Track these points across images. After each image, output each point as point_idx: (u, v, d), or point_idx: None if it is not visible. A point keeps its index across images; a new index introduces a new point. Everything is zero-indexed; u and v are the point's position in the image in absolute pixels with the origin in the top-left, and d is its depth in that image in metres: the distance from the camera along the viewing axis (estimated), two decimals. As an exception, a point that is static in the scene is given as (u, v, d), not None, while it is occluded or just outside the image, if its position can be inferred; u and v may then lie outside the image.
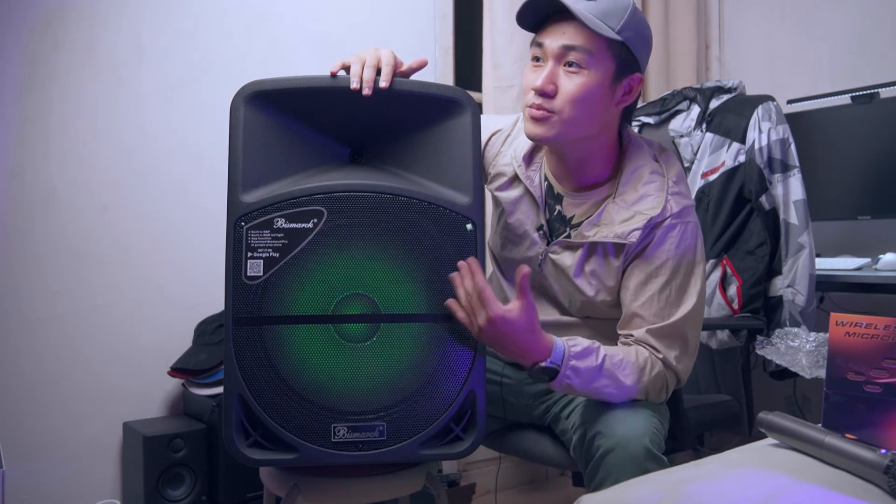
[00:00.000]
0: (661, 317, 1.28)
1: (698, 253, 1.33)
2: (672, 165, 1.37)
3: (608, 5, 1.26)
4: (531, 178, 1.42)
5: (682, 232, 1.31)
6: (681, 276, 1.30)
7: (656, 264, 1.30)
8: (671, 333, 1.28)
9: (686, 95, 2.23)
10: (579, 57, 1.26)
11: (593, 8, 1.25)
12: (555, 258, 1.38)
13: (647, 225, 1.30)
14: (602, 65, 1.27)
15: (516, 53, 2.44)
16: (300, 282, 1.17)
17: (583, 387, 1.22)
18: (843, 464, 0.84)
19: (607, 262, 1.34)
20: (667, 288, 1.29)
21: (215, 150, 1.97)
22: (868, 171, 2.34)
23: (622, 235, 1.30)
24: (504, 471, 2.49)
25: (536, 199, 1.41)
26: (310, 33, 2.26)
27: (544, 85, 1.27)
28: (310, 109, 1.22)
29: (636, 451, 1.16)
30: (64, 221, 1.90)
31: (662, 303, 1.29)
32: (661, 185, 1.33)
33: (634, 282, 1.31)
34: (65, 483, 1.89)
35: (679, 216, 1.31)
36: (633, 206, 1.32)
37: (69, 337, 1.90)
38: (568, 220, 1.39)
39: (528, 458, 1.55)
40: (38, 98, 1.87)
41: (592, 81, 1.27)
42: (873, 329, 0.89)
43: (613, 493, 0.88)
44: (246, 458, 1.16)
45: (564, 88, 1.27)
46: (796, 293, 1.96)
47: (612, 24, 1.25)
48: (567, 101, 1.27)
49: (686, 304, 1.30)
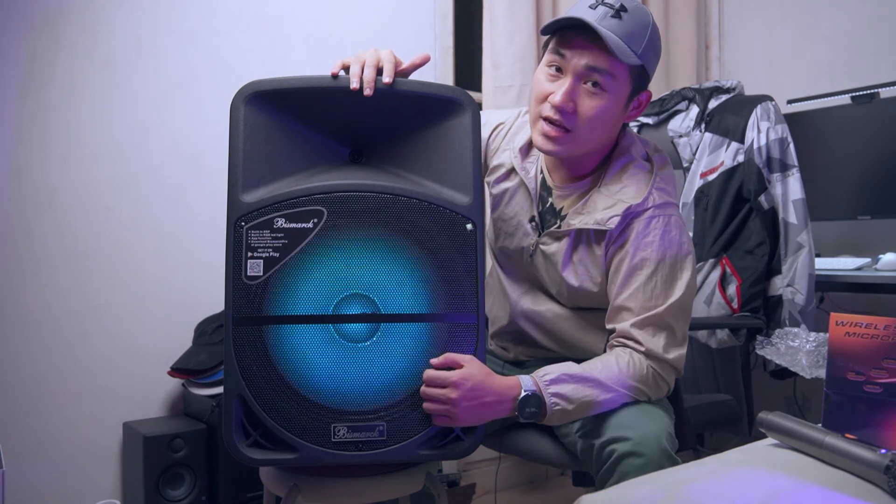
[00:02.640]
0: (647, 309, 1.28)
1: (684, 245, 1.33)
2: (663, 165, 1.38)
3: (632, 25, 1.26)
4: (527, 170, 1.44)
5: (665, 224, 1.31)
6: (666, 268, 1.30)
7: (641, 256, 1.30)
8: (655, 323, 1.28)
9: (685, 95, 2.23)
10: (602, 80, 1.27)
11: (619, 28, 1.24)
12: (544, 249, 1.40)
13: (627, 212, 1.30)
14: (621, 88, 1.29)
15: (516, 53, 2.44)
16: (300, 282, 1.17)
17: (575, 405, 1.21)
18: (843, 464, 0.84)
19: (591, 252, 1.35)
20: (652, 280, 1.29)
21: (215, 151, 1.98)
22: (868, 171, 2.34)
23: (601, 221, 1.32)
24: (504, 471, 2.49)
25: (531, 191, 1.43)
26: (310, 33, 2.26)
27: (564, 103, 1.27)
28: (310, 109, 1.22)
29: (653, 453, 1.16)
30: (63, 222, 1.90)
31: (648, 294, 1.29)
32: (646, 179, 1.35)
33: (620, 275, 1.31)
34: (65, 483, 1.89)
35: (661, 208, 1.32)
36: (616, 195, 1.33)
37: (69, 337, 1.90)
38: (558, 212, 1.41)
39: (528, 458, 1.55)
40: (38, 98, 1.87)
41: (610, 104, 1.29)
42: (873, 329, 0.89)
43: (613, 493, 0.88)
44: (246, 458, 1.16)
45: (584, 109, 1.28)
46: (796, 292, 1.97)
47: (635, 47, 1.26)
48: (585, 122, 1.29)
49: (672, 295, 1.29)
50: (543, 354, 1.49)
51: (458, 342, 1.19)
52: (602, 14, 1.25)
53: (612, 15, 1.25)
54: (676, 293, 1.30)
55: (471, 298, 1.19)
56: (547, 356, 1.49)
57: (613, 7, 1.25)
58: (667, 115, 2.22)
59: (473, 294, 1.19)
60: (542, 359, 1.49)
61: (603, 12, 1.25)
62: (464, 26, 2.67)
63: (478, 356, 1.20)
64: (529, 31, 2.46)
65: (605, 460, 1.20)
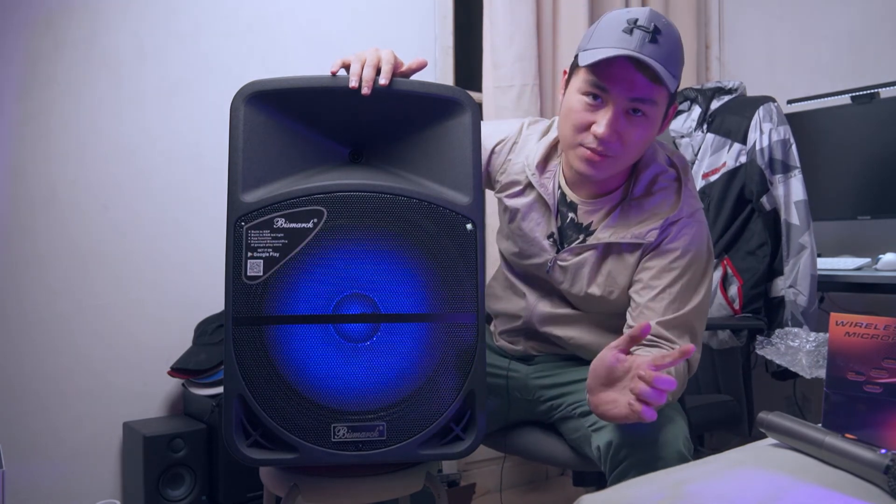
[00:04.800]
0: (672, 310, 1.30)
1: (709, 251, 1.36)
2: (686, 170, 1.40)
3: (669, 46, 1.24)
4: (545, 186, 1.42)
5: (696, 231, 1.34)
6: (692, 272, 1.32)
7: (670, 259, 1.32)
8: (681, 325, 1.30)
9: (687, 96, 2.23)
10: (645, 107, 1.26)
11: (658, 54, 1.22)
12: (563, 265, 1.40)
13: (664, 224, 1.32)
14: (661, 110, 1.30)
15: (516, 53, 2.44)
16: (300, 282, 1.16)
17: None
18: (843, 464, 0.84)
19: (622, 261, 1.36)
20: (678, 282, 1.31)
21: (215, 150, 1.98)
22: (868, 171, 2.34)
23: (640, 235, 1.33)
24: (504, 470, 2.49)
25: (549, 207, 1.41)
26: (310, 33, 2.26)
27: (610, 136, 1.26)
28: (310, 109, 1.22)
29: (671, 456, 1.16)
30: (64, 221, 1.90)
31: (673, 296, 1.30)
32: (675, 188, 1.36)
33: (647, 275, 1.33)
34: (65, 483, 1.89)
35: (693, 216, 1.35)
36: (649, 209, 1.35)
37: (69, 337, 1.90)
38: (585, 228, 1.40)
39: (531, 458, 1.55)
40: (39, 98, 1.87)
41: (652, 127, 1.30)
42: (873, 329, 0.89)
43: (613, 492, 0.88)
44: (246, 458, 1.16)
45: (629, 136, 1.27)
46: (798, 293, 1.97)
47: (674, 70, 1.26)
48: (630, 148, 1.29)
49: (695, 298, 1.32)
50: (553, 350, 1.49)
51: (458, 342, 1.19)
52: (640, 40, 1.21)
53: (650, 40, 1.22)
54: (700, 296, 1.32)
55: (471, 298, 1.19)
56: (556, 352, 1.49)
57: (648, 30, 1.22)
58: (667, 116, 2.22)
59: (473, 294, 1.19)
60: (552, 354, 1.49)
61: (640, 37, 1.22)
62: (464, 26, 2.67)
63: (478, 356, 1.20)
64: (529, 31, 2.45)
65: (620, 461, 1.20)
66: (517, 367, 1.52)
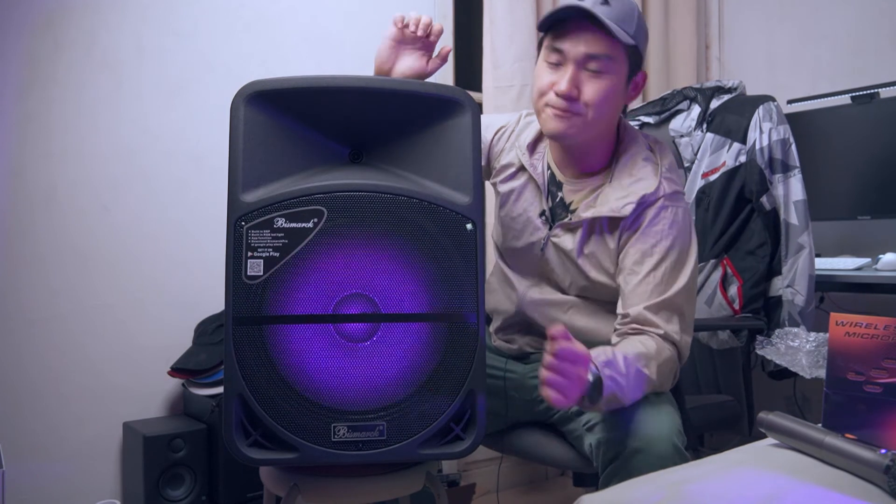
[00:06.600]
0: (657, 293, 1.31)
1: (691, 234, 1.38)
2: (665, 155, 1.43)
3: (622, 9, 1.32)
4: (535, 166, 1.47)
5: (675, 213, 1.36)
6: (675, 255, 1.34)
7: (651, 243, 1.34)
8: (668, 307, 1.31)
9: (686, 95, 2.23)
10: (601, 63, 1.32)
11: (609, 13, 1.30)
12: (556, 241, 1.43)
13: (641, 201, 1.35)
14: (619, 69, 1.35)
15: (516, 53, 2.44)
16: (300, 281, 1.17)
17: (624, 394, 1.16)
18: (843, 464, 0.84)
19: (604, 242, 1.38)
20: (661, 265, 1.33)
21: (216, 150, 1.97)
22: (868, 171, 2.34)
23: (616, 209, 1.35)
24: (504, 471, 2.49)
25: (539, 186, 1.46)
26: (310, 33, 2.26)
27: (570, 90, 1.32)
28: (310, 109, 1.22)
29: (665, 450, 1.16)
30: (64, 221, 1.90)
31: (658, 279, 1.32)
32: (654, 170, 1.39)
33: (630, 261, 1.35)
34: (65, 483, 1.89)
35: (671, 198, 1.37)
36: (629, 187, 1.37)
37: (69, 337, 1.90)
38: (568, 206, 1.44)
39: (531, 459, 1.55)
40: (39, 98, 1.87)
41: (612, 85, 1.34)
42: (873, 329, 0.89)
43: (613, 493, 0.88)
44: (246, 457, 1.16)
45: (588, 93, 1.33)
46: (796, 293, 1.96)
47: (627, 28, 1.31)
48: (591, 105, 1.33)
49: (680, 280, 1.33)
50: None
51: (458, 342, 1.19)
52: (591, 3, 1.30)
53: (602, 3, 1.30)
54: (684, 278, 1.34)
55: (471, 298, 1.19)
56: None
57: None
58: (668, 115, 2.22)
59: (473, 294, 1.19)
60: None
61: (591, 2, 1.30)
62: (464, 26, 2.67)
63: (478, 356, 1.20)
64: (529, 31, 2.46)
65: (614, 457, 1.20)
66: (514, 366, 1.52)
